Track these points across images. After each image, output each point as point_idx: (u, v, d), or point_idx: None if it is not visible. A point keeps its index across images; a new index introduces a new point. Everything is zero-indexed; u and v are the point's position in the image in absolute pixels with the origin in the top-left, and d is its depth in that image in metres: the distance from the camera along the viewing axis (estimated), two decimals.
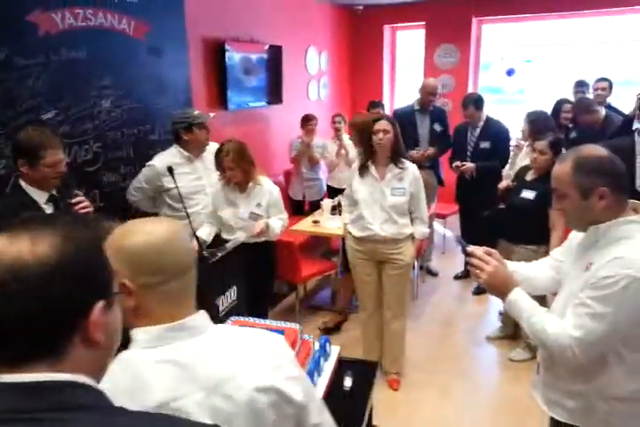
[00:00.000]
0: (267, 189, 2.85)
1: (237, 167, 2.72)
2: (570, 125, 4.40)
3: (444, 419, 2.76)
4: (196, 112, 3.01)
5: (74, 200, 2.11)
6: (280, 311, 3.93)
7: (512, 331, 3.54)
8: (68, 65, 2.82)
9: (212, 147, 3.02)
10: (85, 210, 2.12)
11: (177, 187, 2.79)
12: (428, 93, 4.33)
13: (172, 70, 3.55)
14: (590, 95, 4.73)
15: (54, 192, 2.13)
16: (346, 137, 4.76)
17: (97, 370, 0.70)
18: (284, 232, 3.01)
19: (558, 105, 4.46)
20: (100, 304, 0.67)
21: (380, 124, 2.73)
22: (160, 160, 2.94)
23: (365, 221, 2.85)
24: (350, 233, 2.97)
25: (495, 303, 3.98)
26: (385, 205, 2.81)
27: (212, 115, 3.06)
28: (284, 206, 2.95)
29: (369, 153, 2.82)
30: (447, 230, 5.24)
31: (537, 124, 3.54)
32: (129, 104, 3.18)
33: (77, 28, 2.86)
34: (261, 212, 2.84)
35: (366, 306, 3.09)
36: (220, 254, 2.32)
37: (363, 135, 2.88)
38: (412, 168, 2.85)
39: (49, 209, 2.10)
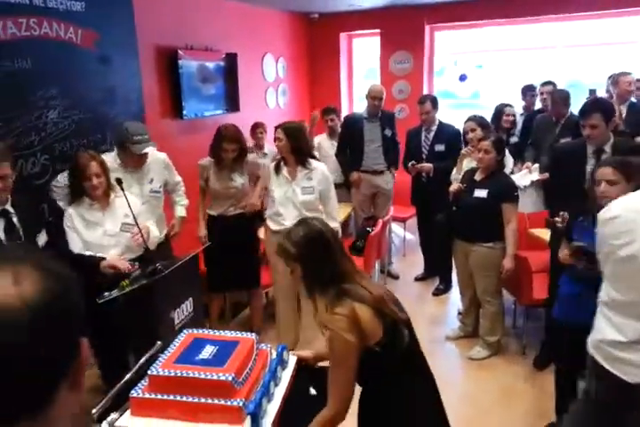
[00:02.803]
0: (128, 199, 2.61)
1: (104, 175, 2.52)
2: (508, 127, 4.62)
3: None
4: (137, 137, 2.78)
5: None
6: (242, 320, 3.90)
7: (471, 330, 3.61)
8: (12, 75, 2.74)
9: (156, 157, 2.97)
10: None
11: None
12: (372, 98, 4.38)
13: (123, 79, 3.50)
14: (537, 98, 4.93)
15: (7, 207, 2.05)
16: None
17: (79, 415, 0.63)
18: None
19: (500, 109, 4.67)
20: (85, 340, 0.61)
21: (277, 133, 3.13)
22: None
23: (281, 218, 3.13)
24: (268, 226, 3.22)
25: (455, 303, 4.06)
26: (297, 202, 3.08)
27: (148, 149, 2.82)
28: None
29: (281, 156, 3.17)
30: (407, 233, 5.32)
31: (487, 127, 3.78)
32: (78, 114, 3.11)
33: (21, 38, 2.78)
34: (131, 220, 2.55)
35: (283, 296, 3.35)
36: (174, 266, 2.29)
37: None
38: (320, 168, 3.14)
39: None
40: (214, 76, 4.61)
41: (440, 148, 4.22)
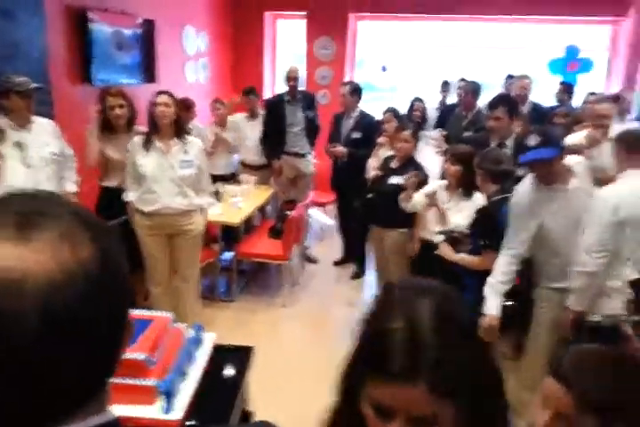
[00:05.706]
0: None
1: None
2: (419, 121, 4.80)
3: (324, 402, 2.80)
4: (19, 79, 2.61)
5: None
6: None
7: None
8: None
9: (43, 122, 2.77)
10: None
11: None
12: (287, 79, 4.40)
13: (25, 36, 3.14)
14: (454, 95, 5.16)
15: None
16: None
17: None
18: None
19: (413, 103, 4.87)
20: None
21: (162, 98, 2.81)
22: None
23: (155, 195, 2.86)
24: (138, 210, 2.92)
25: (372, 286, 4.15)
26: (175, 177, 2.86)
27: (34, 85, 2.66)
28: None
29: (152, 127, 2.86)
30: (327, 218, 5.35)
31: (402, 118, 3.92)
32: None
33: None
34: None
35: (159, 281, 3.09)
36: None
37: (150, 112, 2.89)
38: (195, 142, 2.98)
39: None
40: (130, 44, 4.31)
41: (356, 135, 4.28)
